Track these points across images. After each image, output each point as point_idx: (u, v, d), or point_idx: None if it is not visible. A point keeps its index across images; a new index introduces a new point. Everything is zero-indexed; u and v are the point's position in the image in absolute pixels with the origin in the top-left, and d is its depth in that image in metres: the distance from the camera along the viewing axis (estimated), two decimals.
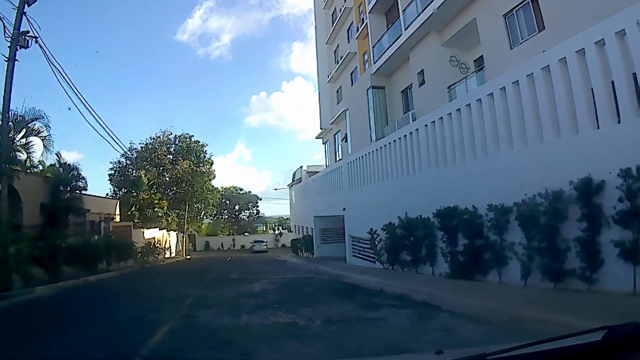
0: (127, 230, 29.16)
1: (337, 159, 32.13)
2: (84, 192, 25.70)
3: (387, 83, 23.53)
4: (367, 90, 23.75)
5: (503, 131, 9.74)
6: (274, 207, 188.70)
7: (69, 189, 23.75)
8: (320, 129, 38.03)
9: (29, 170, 23.38)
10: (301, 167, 43.24)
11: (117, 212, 34.25)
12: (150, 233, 33.63)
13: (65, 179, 23.79)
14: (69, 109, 50.58)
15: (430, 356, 1.83)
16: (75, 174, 24.58)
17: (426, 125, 12.97)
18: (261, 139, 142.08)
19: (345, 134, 29.31)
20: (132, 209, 36.79)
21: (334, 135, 34.38)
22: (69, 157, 70.36)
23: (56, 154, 25.90)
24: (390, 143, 15.48)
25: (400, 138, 14.68)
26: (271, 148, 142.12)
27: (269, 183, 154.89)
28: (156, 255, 30.83)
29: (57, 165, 24.70)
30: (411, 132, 13.96)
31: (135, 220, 35.35)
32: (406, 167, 14.24)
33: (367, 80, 24.15)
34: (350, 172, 19.86)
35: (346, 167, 20.55)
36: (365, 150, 18.31)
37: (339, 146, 32.96)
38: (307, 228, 31.70)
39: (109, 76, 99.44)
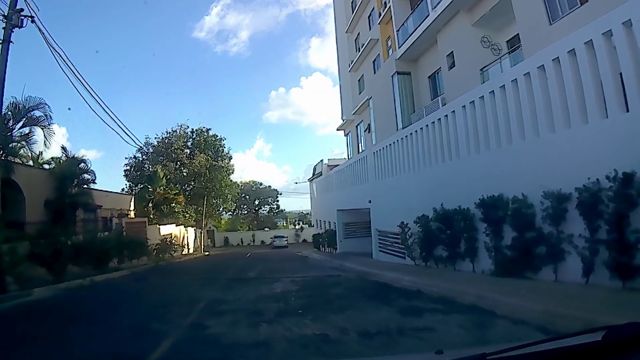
0: (142, 226, 28.45)
1: (360, 150, 31.22)
2: (94, 187, 25.11)
3: (413, 68, 22.50)
4: (391, 76, 22.78)
5: (558, 108, 8.45)
6: (294, 201, 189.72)
7: (75, 182, 22.94)
8: (342, 120, 37.24)
9: (41, 167, 22.82)
10: (322, 160, 42.66)
11: (132, 207, 33.90)
12: (166, 229, 32.79)
13: (71, 172, 23.02)
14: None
15: (431, 356, 1.85)
16: (83, 167, 23.83)
17: (464, 106, 11.68)
18: (281, 134, 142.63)
19: (368, 124, 28.45)
20: (148, 204, 36.11)
21: (356, 126, 33.56)
22: (88, 155, 70.84)
23: (62, 147, 25.41)
24: (422, 128, 14.19)
25: (433, 122, 13.40)
26: (291, 143, 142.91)
27: (288, 178, 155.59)
28: (172, 252, 30.14)
29: (64, 158, 24.04)
30: (446, 115, 12.68)
31: (151, 216, 34.60)
32: (441, 153, 12.98)
33: (391, 66, 23.11)
34: (377, 162, 18.68)
35: (372, 157, 19.34)
36: (393, 138, 17.06)
37: (362, 137, 32.06)
38: (329, 222, 30.95)
39: (122, 75, 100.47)
